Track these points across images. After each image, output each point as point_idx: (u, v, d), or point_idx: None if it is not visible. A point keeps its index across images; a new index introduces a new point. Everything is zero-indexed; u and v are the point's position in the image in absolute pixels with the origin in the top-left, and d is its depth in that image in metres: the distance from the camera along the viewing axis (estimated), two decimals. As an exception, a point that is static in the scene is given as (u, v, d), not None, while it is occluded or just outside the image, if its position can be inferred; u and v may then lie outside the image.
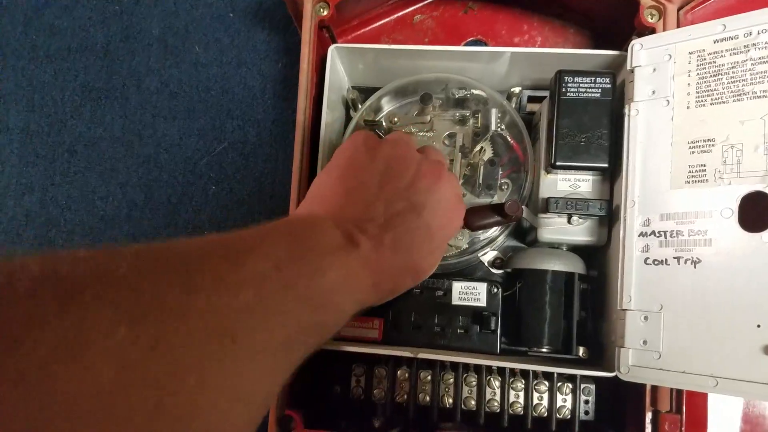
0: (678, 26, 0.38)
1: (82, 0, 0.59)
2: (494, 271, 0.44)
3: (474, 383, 0.40)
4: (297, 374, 0.38)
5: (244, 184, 0.54)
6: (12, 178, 0.57)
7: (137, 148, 0.56)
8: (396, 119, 0.44)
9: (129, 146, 0.56)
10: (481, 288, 0.41)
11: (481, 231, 0.41)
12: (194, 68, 0.56)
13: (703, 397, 0.36)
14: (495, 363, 0.38)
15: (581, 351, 0.40)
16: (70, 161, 0.56)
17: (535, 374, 0.40)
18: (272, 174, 0.53)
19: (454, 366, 0.40)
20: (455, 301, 0.41)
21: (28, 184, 0.57)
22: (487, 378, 0.40)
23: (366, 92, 0.45)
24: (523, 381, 0.40)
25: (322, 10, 0.43)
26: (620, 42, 0.42)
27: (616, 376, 0.35)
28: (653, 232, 0.35)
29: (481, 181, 0.42)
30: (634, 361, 0.35)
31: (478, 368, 0.40)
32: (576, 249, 0.41)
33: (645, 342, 0.34)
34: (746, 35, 0.34)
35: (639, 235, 0.36)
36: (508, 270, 0.43)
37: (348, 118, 0.47)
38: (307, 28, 0.42)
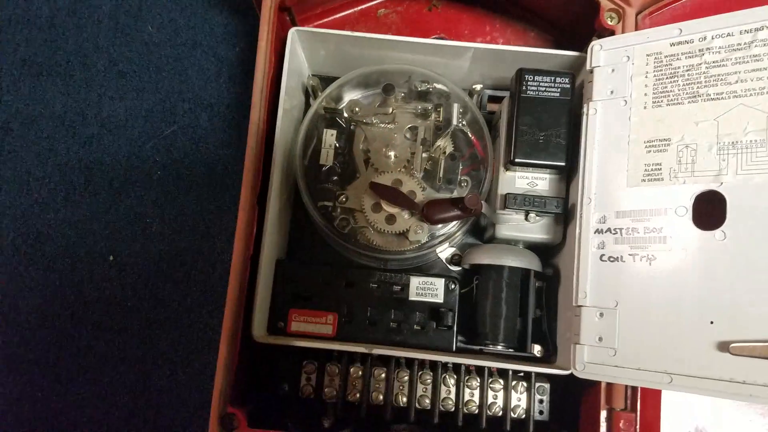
0: (636, 29, 0.39)
1: (26, -31, 0.55)
2: (452, 268, 0.43)
3: (429, 381, 0.39)
4: (242, 368, 0.36)
5: (193, 170, 0.51)
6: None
7: (79, 128, 0.52)
8: (357, 109, 0.43)
9: (70, 126, 0.52)
10: (439, 284, 0.40)
11: (440, 225, 0.40)
12: (146, 48, 0.53)
13: (658, 394, 0.37)
14: (451, 359, 0.37)
15: (536, 349, 0.39)
16: (4, 139, 0.52)
17: (491, 372, 0.39)
18: (224, 161, 0.51)
19: (410, 363, 0.39)
20: (412, 297, 0.40)
21: (-46, 165, 0.52)
22: (443, 375, 0.39)
23: (327, 81, 0.44)
24: (479, 379, 0.39)
25: (283, -9, 0.41)
26: (581, 46, 0.42)
27: (570, 375, 0.35)
28: (609, 229, 0.35)
29: (441, 176, 0.41)
30: (590, 358, 0.34)
31: (433, 365, 0.39)
32: (532, 247, 0.41)
33: (600, 338, 0.34)
34: (701, 39, 0.35)
35: (595, 232, 0.36)
36: (466, 267, 0.42)
37: (308, 106, 0.45)
38: (267, 6, 0.40)
